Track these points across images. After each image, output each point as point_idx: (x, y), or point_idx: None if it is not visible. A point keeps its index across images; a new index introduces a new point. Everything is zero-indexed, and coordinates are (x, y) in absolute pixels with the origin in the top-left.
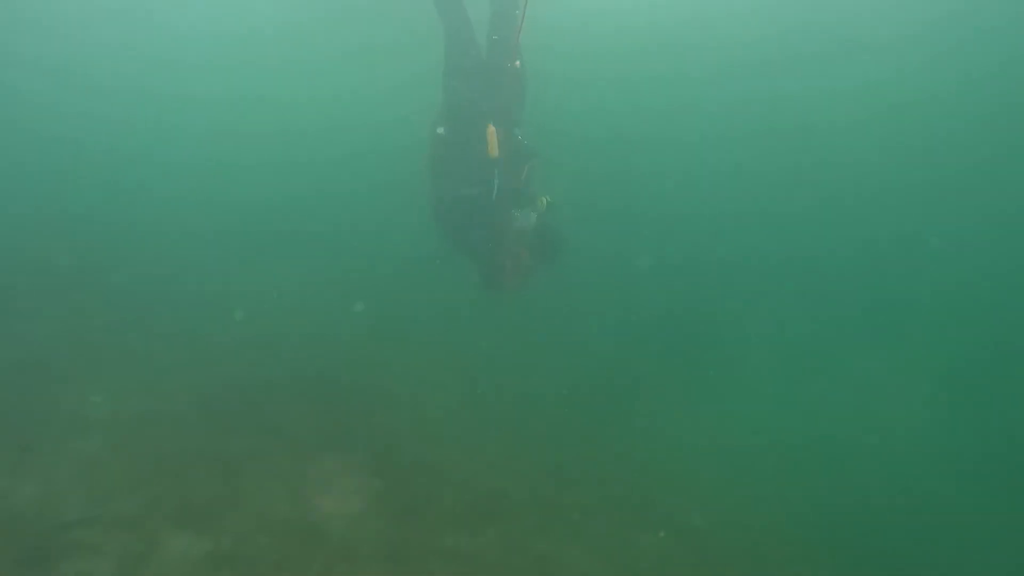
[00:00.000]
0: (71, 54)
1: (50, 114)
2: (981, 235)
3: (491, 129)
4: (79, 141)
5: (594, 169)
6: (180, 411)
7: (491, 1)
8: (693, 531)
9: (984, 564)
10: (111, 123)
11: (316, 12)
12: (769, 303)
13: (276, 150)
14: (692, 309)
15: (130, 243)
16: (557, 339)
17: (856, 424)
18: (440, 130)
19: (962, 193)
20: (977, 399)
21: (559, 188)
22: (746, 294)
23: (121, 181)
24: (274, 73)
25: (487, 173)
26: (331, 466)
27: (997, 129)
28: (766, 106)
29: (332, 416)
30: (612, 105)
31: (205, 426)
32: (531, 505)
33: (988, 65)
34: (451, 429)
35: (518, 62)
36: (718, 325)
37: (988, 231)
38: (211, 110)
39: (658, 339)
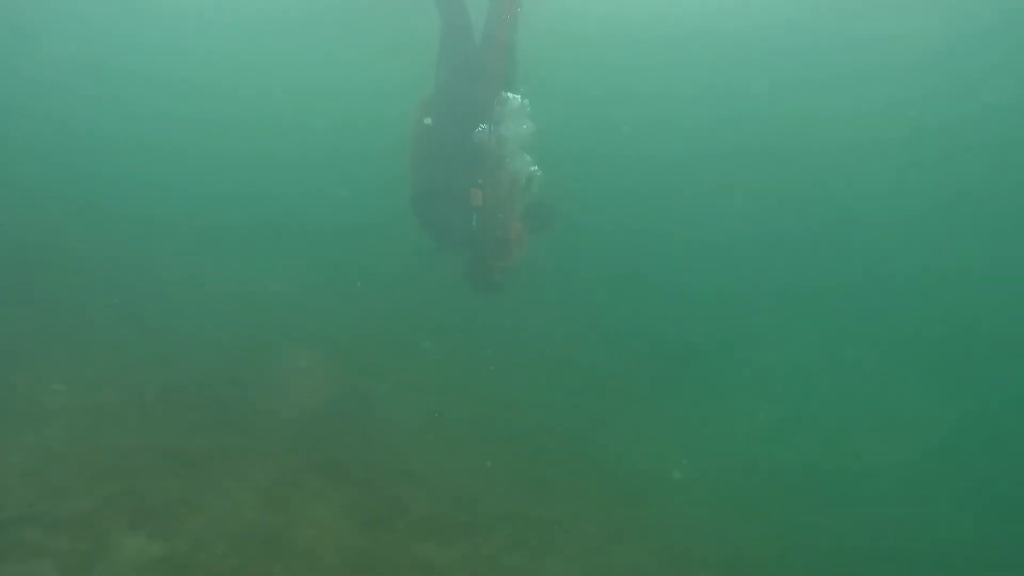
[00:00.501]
0: (67, 41)
1: (31, 95)
2: (986, 259)
3: (477, 193)
4: (59, 123)
5: (593, 182)
6: (145, 404)
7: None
8: (671, 548)
9: None
10: (94, 108)
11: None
12: (764, 322)
13: (266, 144)
14: (683, 323)
15: (106, 229)
16: (542, 347)
17: (847, 449)
18: (427, 121)
19: (977, 219)
20: (983, 425)
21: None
22: (742, 312)
23: (103, 166)
24: (272, 67)
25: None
26: (300, 469)
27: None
28: (778, 124)
29: (305, 416)
30: (618, 117)
31: (170, 421)
32: (506, 517)
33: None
34: (429, 435)
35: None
36: (709, 341)
37: (994, 257)
38: (203, 102)
39: (647, 351)
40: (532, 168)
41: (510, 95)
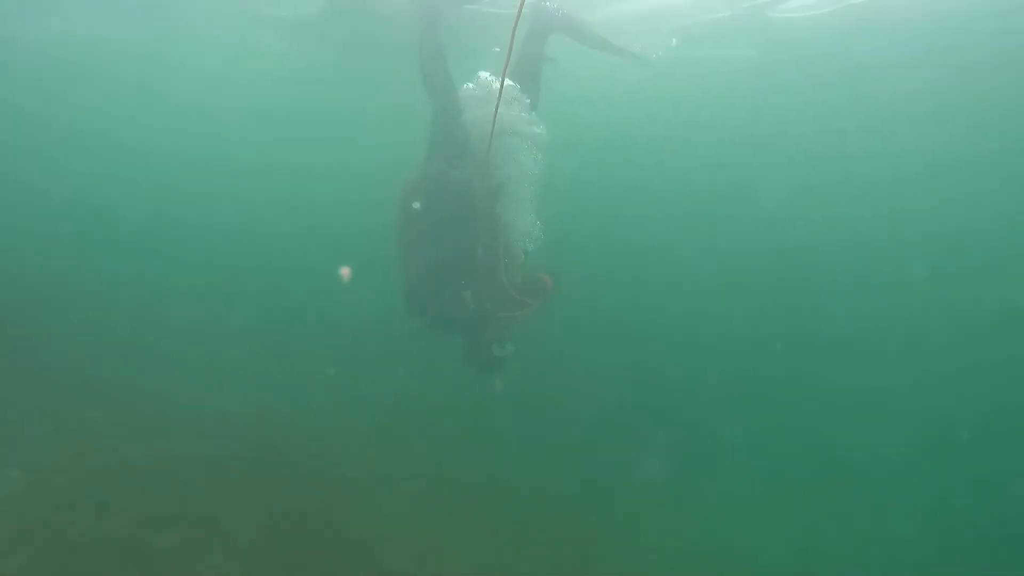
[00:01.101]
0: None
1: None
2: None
3: (467, 292)
4: (47, 192)
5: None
6: (101, 492)
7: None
8: None
9: None
10: (94, 178)
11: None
12: (765, 415)
13: (256, 217)
14: (685, 407)
15: (75, 290)
16: (533, 430)
17: (848, 536)
18: (416, 205)
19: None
20: (970, 525)
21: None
22: (744, 403)
23: (78, 228)
24: (268, 143)
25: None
26: (270, 570)
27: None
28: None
29: (278, 505)
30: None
31: (127, 512)
32: None
33: None
34: (411, 525)
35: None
36: (711, 425)
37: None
38: (196, 173)
39: (642, 439)
40: (531, 237)
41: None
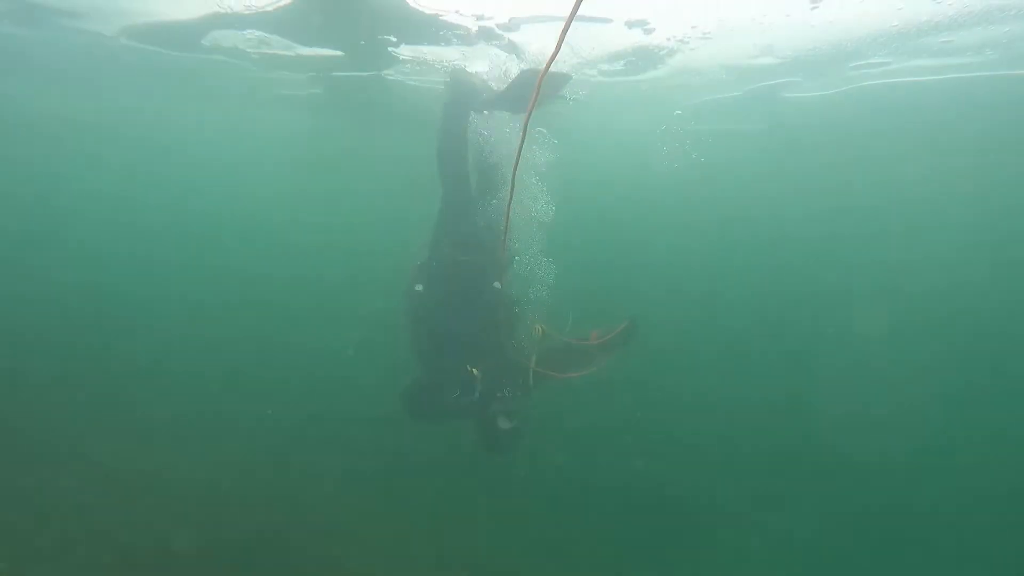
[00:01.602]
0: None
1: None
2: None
3: (474, 373)
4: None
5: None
6: None
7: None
8: None
9: None
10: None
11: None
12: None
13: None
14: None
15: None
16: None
17: None
18: (419, 287)
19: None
20: None
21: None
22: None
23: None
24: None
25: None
26: None
27: None
28: None
29: None
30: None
31: None
32: None
33: None
34: None
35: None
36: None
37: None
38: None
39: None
40: (538, 327)
41: None
